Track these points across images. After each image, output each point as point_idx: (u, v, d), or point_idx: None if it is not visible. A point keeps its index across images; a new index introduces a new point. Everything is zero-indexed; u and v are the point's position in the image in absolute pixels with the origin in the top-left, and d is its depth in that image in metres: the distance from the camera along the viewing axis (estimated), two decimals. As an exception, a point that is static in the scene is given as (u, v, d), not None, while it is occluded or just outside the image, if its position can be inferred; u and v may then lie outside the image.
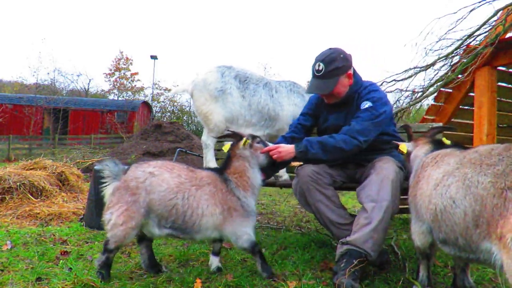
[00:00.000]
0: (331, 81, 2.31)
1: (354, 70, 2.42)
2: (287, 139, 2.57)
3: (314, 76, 2.36)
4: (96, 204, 3.35)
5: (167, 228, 2.09)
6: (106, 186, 2.16)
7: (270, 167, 2.41)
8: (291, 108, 3.18)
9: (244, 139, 2.26)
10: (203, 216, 2.07)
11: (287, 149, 2.25)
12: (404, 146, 2.19)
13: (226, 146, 2.35)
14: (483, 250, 1.46)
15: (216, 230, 2.12)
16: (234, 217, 2.11)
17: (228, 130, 2.39)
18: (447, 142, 2.10)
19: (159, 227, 2.10)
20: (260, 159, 2.29)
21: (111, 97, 30.56)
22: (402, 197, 2.95)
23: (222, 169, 2.27)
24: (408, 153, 2.19)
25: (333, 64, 2.28)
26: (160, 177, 2.09)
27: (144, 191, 2.06)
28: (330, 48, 2.36)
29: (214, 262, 2.29)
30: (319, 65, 2.31)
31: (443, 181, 1.65)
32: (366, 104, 2.30)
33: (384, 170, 2.19)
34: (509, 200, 1.36)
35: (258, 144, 2.31)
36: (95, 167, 3.45)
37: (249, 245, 2.13)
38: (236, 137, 2.33)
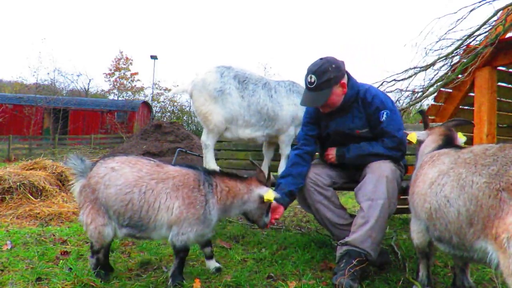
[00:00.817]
0: (324, 93, 2.28)
1: (349, 75, 2.39)
2: (302, 157, 2.50)
3: (307, 88, 2.34)
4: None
5: (125, 226, 2.00)
6: (73, 184, 2.08)
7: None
8: (290, 108, 3.18)
9: (274, 197, 2.13)
10: (159, 210, 1.95)
11: (333, 152, 2.47)
12: (413, 136, 2.13)
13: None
14: (478, 249, 1.47)
15: (170, 228, 1.98)
16: (190, 214, 1.96)
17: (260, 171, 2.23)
18: (463, 137, 2.06)
19: (118, 226, 2.01)
20: (250, 211, 2.18)
21: (111, 97, 30.63)
22: (402, 197, 2.97)
23: (213, 172, 2.16)
24: (419, 142, 2.12)
25: (325, 76, 2.25)
26: (120, 172, 1.99)
27: (103, 186, 1.97)
28: (321, 58, 2.32)
29: (211, 264, 2.27)
30: (311, 77, 2.28)
31: (438, 180, 1.66)
32: (384, 113, 2.30)
33: (380, 169, 2.20)
34: (504, 201, 1.37)
35: (265, 207, 2.21)
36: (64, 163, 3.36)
37: (181, 247, 1.99)
38: (262, 177, 2.19)
